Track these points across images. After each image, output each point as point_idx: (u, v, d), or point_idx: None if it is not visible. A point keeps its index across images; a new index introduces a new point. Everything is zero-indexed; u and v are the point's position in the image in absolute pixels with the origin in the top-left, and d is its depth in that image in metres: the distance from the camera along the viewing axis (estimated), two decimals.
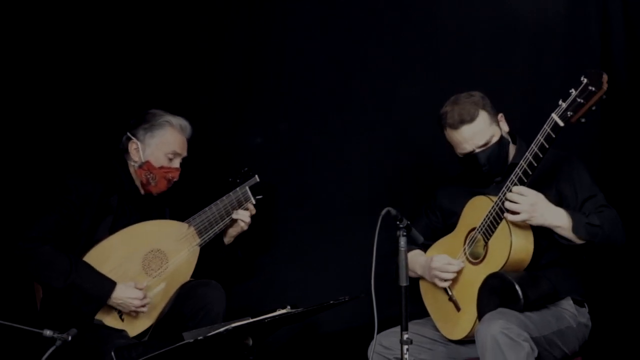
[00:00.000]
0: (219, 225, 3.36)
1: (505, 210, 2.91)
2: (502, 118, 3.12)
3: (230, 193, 3.38)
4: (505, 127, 3.12)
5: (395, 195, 3.69)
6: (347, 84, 3.79)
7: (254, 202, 3.41)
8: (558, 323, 2.95)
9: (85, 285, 3.07)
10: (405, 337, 2.57)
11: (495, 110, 3.09)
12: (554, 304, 3.00)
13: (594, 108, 2.75)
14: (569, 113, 2.75)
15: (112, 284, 3.11)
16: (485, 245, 3.00)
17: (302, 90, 3.84)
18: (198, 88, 3.90)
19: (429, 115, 3.34)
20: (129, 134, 3.31)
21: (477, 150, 3.03)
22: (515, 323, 2.78)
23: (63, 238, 3.13)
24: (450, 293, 3.10)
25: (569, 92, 2.75)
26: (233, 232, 3.43)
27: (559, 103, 2.77)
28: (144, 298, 3.15)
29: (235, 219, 3.38)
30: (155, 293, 3.22)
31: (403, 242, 2.61)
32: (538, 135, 2.82)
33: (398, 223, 2.61)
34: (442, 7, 3.69)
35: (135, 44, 3.85)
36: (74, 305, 3.06)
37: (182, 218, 3.34)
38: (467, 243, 3.08)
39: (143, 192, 3.33)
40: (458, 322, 3.06)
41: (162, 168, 3.28)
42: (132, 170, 3.32)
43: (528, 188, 2.90)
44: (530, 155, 2.84)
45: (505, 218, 2.92)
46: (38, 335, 2.49)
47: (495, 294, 2.91)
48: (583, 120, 2.78)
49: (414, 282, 3.21)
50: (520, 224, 2.93)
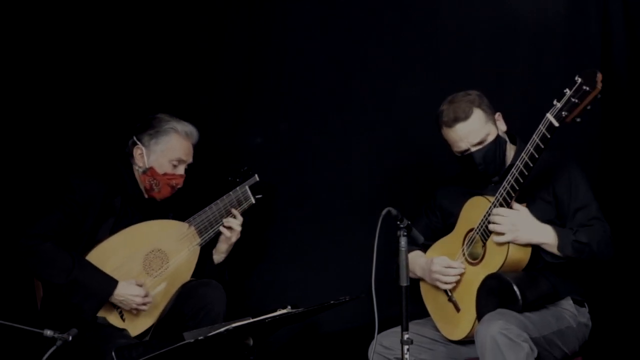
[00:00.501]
0: (219, 225, 3.36)
1: (489, 233, 2.94)
2: (499, 117, 3.11)
3: (230, 192, 3.38)
4: (503, 126, 3.12)
5: (396, 195, 3.69)
6: (347, 84, 3.79)
7: (254, 201, 3.41)
8: (558, 323, 2.94)
9: (87, 282, 3.07)
10: (406, 337, 2.57)
11: (493, 110, 3.09)
12: (554, 304, 3.00)
13: (589, 107, 2.74)
14: (564, 113, 2.74)
15: (114, 282, 3.11)
16: (484, 246, 3.00)
17: (302, 90, 3.84)
18: (198, 88, 3.90)
19: (429, 115, 3.34)
20: (135, 139, 3.30)
21: (472, 149, 3.03)
22: (515, 323, 2.78)
23: (65, 237, 3.12)
24: (450, 294, 3.10)
25: (564, 91, 2.75)
26: (223, 246, 3.39)
27: (554, 103, 2.77)
28: (146, 296, 3.15)
29: (225, 227, 3.35)
30: (156, 293, 3.22)
31: (403, 242, 2.61)
32: (533, 136, 2.82)
33: (398, 223, 2.61)
34: (442, 7, 3.69)
35: (137, 45, 3.85)
36: (75, 303, 3.06)
37: (183, 218, 3.34)
38: (465, 243, 3.08)
39: (147, 196, 3.33)
40: (458, 322, 3.06)
41: (165, 175, 3.28)
42: (136, 175, 3.32)
43: (508, 209, 2.90)
44: (526, 156, 2.84)
45: (493, 240, 2.94)
46: (38, 335, 2.49)
47: (494, 295, 2.91)
48: (578, 120, 2.77)
49: (414, 282, 3.21)
50: None
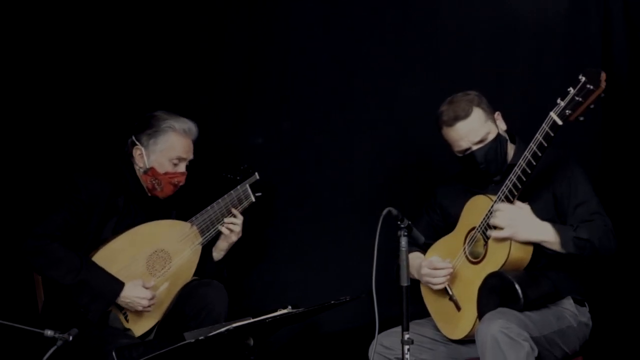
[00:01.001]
0: (220, 223, 3.36)
1: (489, 228, 2.94)
2: (498, 116, 3.12)
3: (231, 191, 3.38)
4: (503, 125, 3.12)
5: (396, 195, 3.69)
6: (348, 84, 3.79)
7: (254, 199, 3.41)
8: (559, 322, 2.94)
9: (95, 284, 3.07)
10: (407, 337, 2.56)
11: (492, 109, 3.09)
12: (555, 304, 3.00)
13: (593, 106, 2.74)
14: (568, 112, 2.74)
15: (120, 284, 3.10)
16: (485, 245, 3.00)
17: (303, 90, 3.84)
18: (199, 87, 3.90)
19: (430, 115, 3.34)
20: (134, 138, 3.30)
21: (473, 148, 3.03)
22: (515, 322, 2.78)
23: (71, 236, 3.12)
24: (451, 293, 3.10)
25: (567, 90, 2.75)
26: (223, 244, 3.39)
27: (558, 102, 2.77)
28: (152, 298, 3.15)
29: (226, 227, 3.35)
30: (160, 293, 3.22)
31: (404, 242, 2.60)
32: (537, 134, 2.81)
33: (399, 223, 2.61)
34: (442, 7, 3.69)
35: (138, 45, 3.85)
36: (82, 304, 3.06)
37: (186, 218, 3.34)
38: (467, 242, 3.08)
39: (149, 194, 3.33)
40: (458, 321, 3.06)
41: (167, 174, 3.27)
42: (138, 174, 3.31)
43: (509, 204, 2.90)
44: (530, 154, 2.84)
45: (489, 235, 2.94)
46: (39, 335, 2.49)
47: (495, 294, 2.90)
48: (582, 119, 2.77)
49: (415, 281, 3.21)
50: None
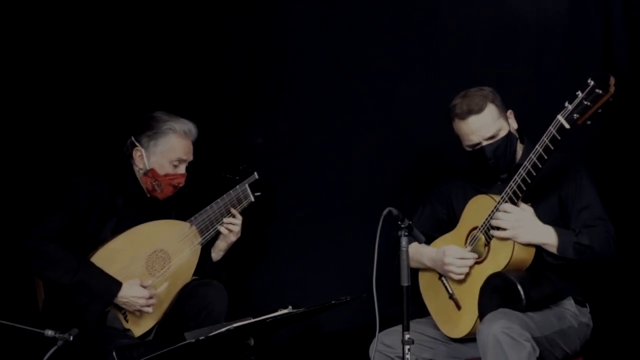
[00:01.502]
0: (220, 223, 3.36)
1: (492, 228, 2.94)
2: (511, 115, 3.11)
3: (230, 191, 3.38)
4: (514, 124, 3.12)
5: (396, 195, 3.69)
6: (347, 84, 3.79)
7: (253, 199, 3.41)
8: (560, 323, 2.94)
9: (92, 284, 3.06)
10: (407, 337, 2.56)
11: (505, 107, 3.09)
12: (556, 304, 3.00)
13: (600, 111, 2.72)
14: (575, 115, 2.72)
15: (118, 284, 3.10)
16: (487, 245, 3.00)
17: (302, 90, 3.84)
18: (199, 88, 3.90)
19: (429, 115, 3.35)
20: (133, 140, 3.29)
21: (484, 143, 3.03)
22: (517, 323, 2.78)
23: (69, 237, 3.12)
24: (451, 291, 3.10)
25: (576, 94, 2.72)
26: (222, 244, 3.39)
27: (565, 105, 2.75)
28: (150, 298, 3.14)
29: (226, 227, 3.35)
30: (159, 293, 3.22)
31: (404, 242, 2.60)
32: (543, 137, 2.80)
33: (399, 223, 2.61)
34: (442, 7, 3.69)
35: (138, 45, 3.85)
36: (80, 305, 3.06)
37: (185, 219, 3.34)
38: (468, 242, 3.07)
39: (149, 195, 3.33)
40: (458, 320, 3.06)
41: (167, 175, 3.27)
42: (137, 175, 3.31)
43: (514, 205, 2.90)
44: (535, 157, 2.83)
45: (492, 235, 2.94)
46: (39, 336, 2.49)
47: (497, 294, 2.90)
48: (589, 123, 2.75)
49: (414, 279, 3.19)
50: None
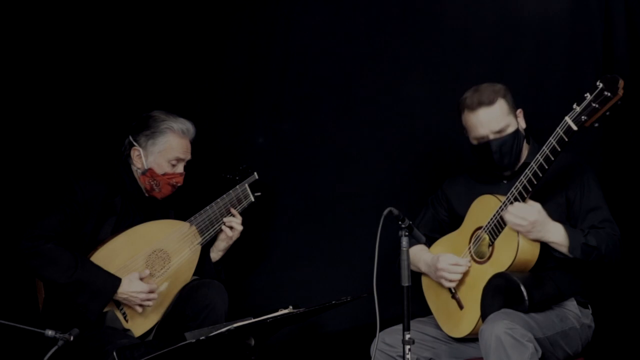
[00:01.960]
0: (220, 224, 3.36)
1: (498, 232, 2.95)
2: (520, 114, 3.11)
3: (230, 191, 3.39)
4: (523, 123, 3.12)
5: (398, 195, 3.69)
6: (348, 84, 3.79)
7: (253, 199, 3.41)
8: (562, 324, 2.94)
9: (91, 281, 3.06)
10: (408, 337, 2.57)
11: (515, 105, 3.10)
12: (558, 305, 3.00)
13: (608, 113, 2.73)
14: (583, 117, 2.73)
15: (117, 280, 3.10)
16: (491, 245, 3.00)
17: (303, 90, 3.83)
18: (201, 88, 3.90)
19: (433, 116, 3.35)
20: (131, 139, 3.29)
21: (490, 137, 3.03)
22: (520, 323, 2.78)
23: (67, 237, 3.12)
24: (454, 291, 3.10)
25: (584, 96, 2.72)
26: (222, 245, 3.40)
27: (574, 107, 2.75)
28: (150, 292, 3.14)
29: (227, 226, 3.36)
30: (159, 293, 3.22)
31: (405, 242, 2.61)
32: (550, 138, 2.80)
33: (400, 223, 2.61)
34: (445, 8, 3.68)
35: (138, 44, 3.85)
36: (80, 303, 3.06)
37: (185, 218, 3.34)
38: (472, 242, 3.07)
39: (147, 195, 3.33)
40: (460, 320, 3.05)
41: (165, 175, 3.27)
42: (135, 175, 3.31)
43: (528, 206, 2.88)
44: (542, 158, 2.83)
45: (499, 239, 2.95)
46: (40, 336, 2.49)
47: (500, 294, 2.90)
48: (596, 125, 2.75)
49: (416, 278, 3.20)
50: None
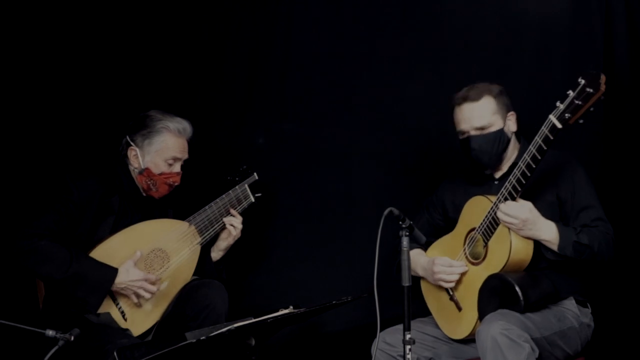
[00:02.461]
0: (219, 224, 3.37)
1: (491, 233, 2.95)
2: (512, 117, 3.12)
3: (230, 191, 3.39)
4: (513, 126, 3.12)
5: (398, 195, 3.69)
6: (350, 84, 3.79)
7: (253, 200, 3.41)
8: (560, 324, 2.94)
9: (88, 274, 3.06)
10: (408, 337, 2.56)
11: (508, 107, 3.10)
12: (556, 304, 3.00)
13: (592, 109, 2.72)
14: (567, 115, 2.73)
15: (114, 270, 3.10)
16: (485, 246, 3.00)
17: (304, 91, 3.84)
18: (201, 88, 3.90)
19: (432, 115, 3.35)
20: (128, 139, 3.29)
21: (472, 132, 3.04)
22: (516, 324, 2.77)
23: (62, 236, 3.12)
24: (452, 293, 3.10)
25: (567, 93, 2.73)
26: (223, 244, 3.40)
27: (557, 105, 2.75)
28: (148, 281, 3.13)
29: (226, 225, 3.36)
30: (158, 292, 3.22)
31: (405, 242, 2.61)
32: (536, 137, 2.80)
33: (400, 223, 2.61)
34: (445, 7, 3.68)
35: (138, 44, 3.85)
36: (79, 297, 3.06)
37: (184, 218, 3.34)
38: (467, 243, 3.08)
39: (145, 194, 3.33)
40: (460, 321, 3.06)
41: (162, 174, 3.27)
42: (132, 174, 3.31)
43: (519, 205, 2.88)
44: (529, 157, 2.83)
45: (493, 240, 2.95)
46: (40, 335, 2.49)
47: (496, 296, 2.90)
48: (581, 122, 2.75)
49: (415, 280, 3.20)
50: None
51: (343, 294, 2.96)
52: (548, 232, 2.91)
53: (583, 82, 2.70)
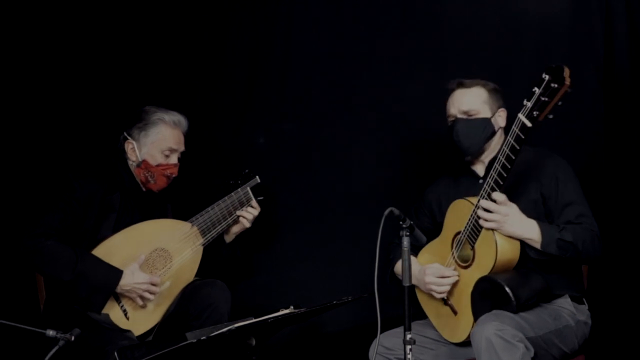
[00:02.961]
0: (222, 225, 3.37)
1: (476, 236, 2.93)
2: (502, 113, 3.11)
3: (232, 194, 3.39)
4: (502, 122, 3.11)
5: (398, 196, 3.69)
6: (350, 84, 3.79)
7: (255, 203, 3.42)
8: (555, 322, 2.91)
9: (93, 274, 3.07)
10: (409, 337, 2.56)
11: (500, 103, 3.10)
12: (551, 303, 2.97)
13: (561, 103, 2.68)
14: (535, 112, 2.69)
15: (119, 271, 3.11)
16: (472, 248, 2.97)
17: (304, 90, 3.83)
18: (201, 88, 3.90)
19: (433, 115, 3.34)
20: (125, 134, 3.32)
21: (458, 116, 3.06)
22: (510, 324, 2.75)
23: (67, 235, 3.12)
24: (446, 298, 3.09)
25: (532, 91, 2.69)
26: (235, 229, 3.45)
27: (524, 103, 2.72)
28: (152, 285, 3.14)
29: (239, 217, 3.40)
30: (160, 292, 3.22)
31: (406, 242, 2.60)
32: (508, 137, 2.78)
33: (401, 223, 2.61)
34: (446, 7, 3.68)
35: (138, 44, 3.85)
36: (83, 297, 3.06)
37: (185, 217, 3.34)
38: (454, 247, 3.06)
39: (144, 189, 3.34)
40: (457, 325, 3.04)
41: (159, 166, 3.28)
42: (131, 169, 3.33)
43: (501, 199, 2.86)
44: (503, 157, 2.80)
45: (479, 242, 2.93)
46: (41, 336, 2.50)
47: (488, 298, 2.88)
48: (551, 117, 2.72)
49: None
50: None
51: (343, 294, 2.96)
52: (530, 230, 2.88)
53: (547, 77, 2.66)
